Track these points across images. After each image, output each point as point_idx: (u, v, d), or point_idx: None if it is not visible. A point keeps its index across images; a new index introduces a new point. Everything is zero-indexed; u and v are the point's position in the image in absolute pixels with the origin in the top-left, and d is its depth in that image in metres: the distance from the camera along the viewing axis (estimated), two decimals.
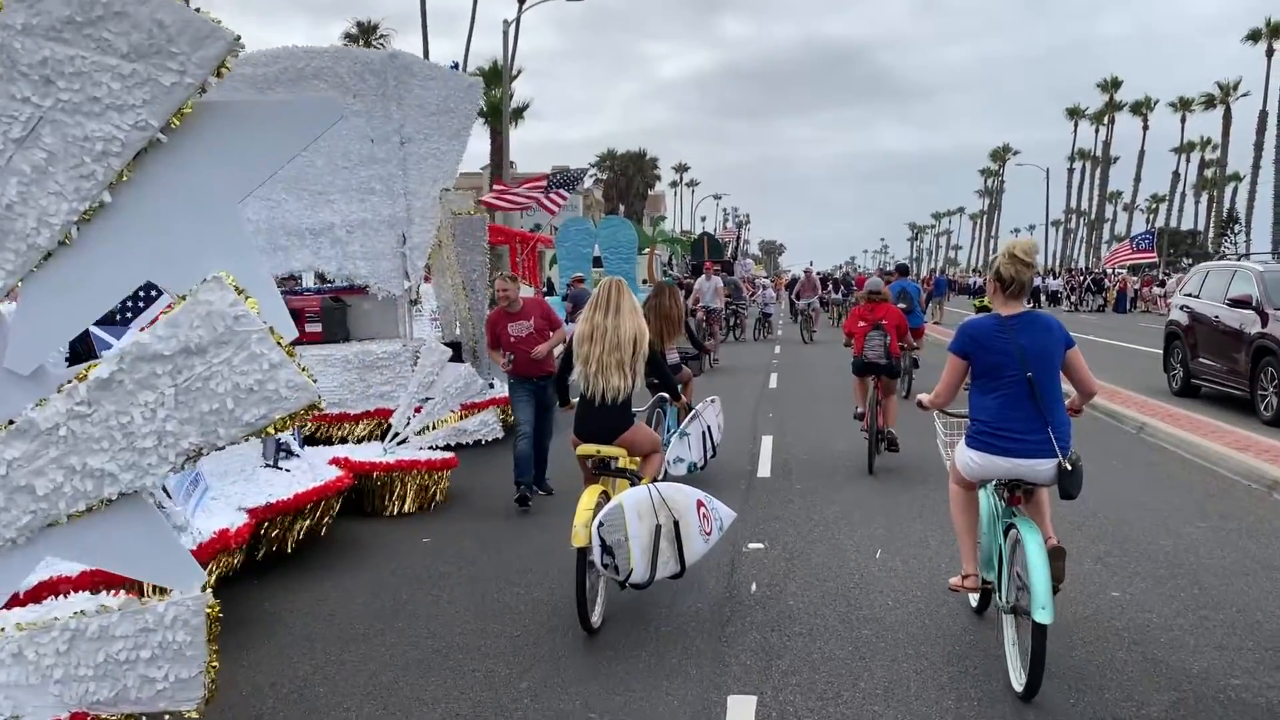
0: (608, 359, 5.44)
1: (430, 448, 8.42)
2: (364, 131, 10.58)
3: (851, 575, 6.04)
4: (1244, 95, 63.77)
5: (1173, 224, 74.88)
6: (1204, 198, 76.78)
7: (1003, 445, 4.40)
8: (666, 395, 7.20)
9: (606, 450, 5.53)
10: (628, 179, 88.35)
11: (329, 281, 11.79)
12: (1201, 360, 13.10)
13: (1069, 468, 4.27)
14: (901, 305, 11.84)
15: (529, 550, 6.69)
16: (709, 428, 8.40)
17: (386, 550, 6.83)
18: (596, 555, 4.86)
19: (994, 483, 4.66)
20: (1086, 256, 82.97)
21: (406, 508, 7.77)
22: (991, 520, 4.77)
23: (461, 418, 8.77)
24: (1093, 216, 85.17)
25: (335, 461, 7.60)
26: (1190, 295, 13.96)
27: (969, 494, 4.93)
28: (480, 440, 8.45)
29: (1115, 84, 79.35)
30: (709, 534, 5.37)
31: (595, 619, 5.10)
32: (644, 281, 28.35)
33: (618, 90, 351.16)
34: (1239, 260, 13.51)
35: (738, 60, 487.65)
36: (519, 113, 41.71)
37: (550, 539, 6.89)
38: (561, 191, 15.31)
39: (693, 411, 8.04)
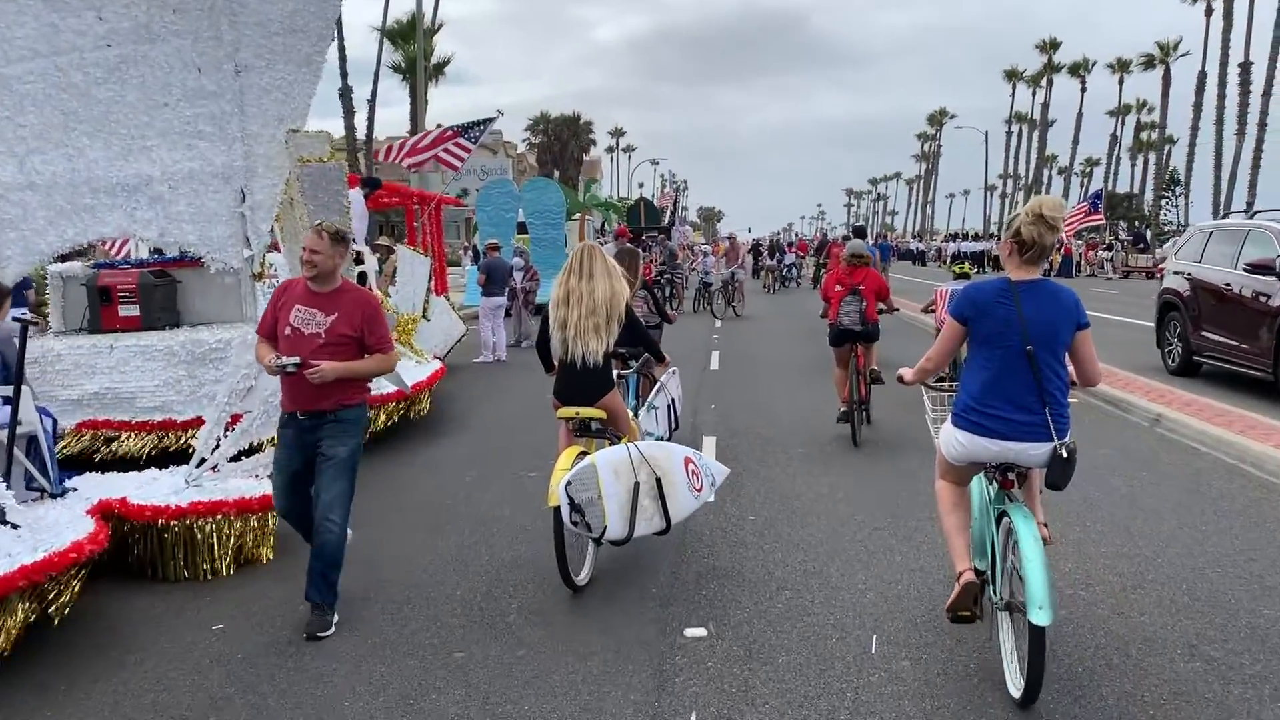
0: (585, 323, 5.35)
1: (255, 476, 6.21)
2: (188, 58, 8.16)
3: (840, 691, 3.99)
4: (1184, 55, 62.78)
5: (1110, 187, 74.15)
6: (1140, 160, 76.27)
7: (992, 426, 3.90)
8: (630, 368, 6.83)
9: (587, 412, 5.43)
10: (562, 143, 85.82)
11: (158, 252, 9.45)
12: (1206, 335, 11.33)
13: (1064, 455, 3.79)
14: None
15: (360, 652, 4.52)
16: (674, 399, 7.62)
17: (151, 648, 4.59)
18: (565, 514, 4.84)
19: (985, 466, 4.14)
20: None
21: (208, 570, 5.55)
22: (984, 506, 4.26)
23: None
24: (1030, 180, 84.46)
25: (102, 507, 5.36)
26: (1189, 260, 12.18)
27: (959, 490, 4.27)
28: None
29: (1054, 45, 78.11)
30: (699, 490, 5.43)
31: (582, 578, 5.14)
32: None
33: (553, 55, 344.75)
34: (1252, 219, 11.72)
35: (675, 25, 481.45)
36: (439, 69, 38.78)
37: (392, 635, 4.73)
38: (461, 142, 12.65)
39: (658, 384, 7.37)
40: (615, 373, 5.68)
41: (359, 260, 12.47)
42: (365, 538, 5.71)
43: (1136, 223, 59.19)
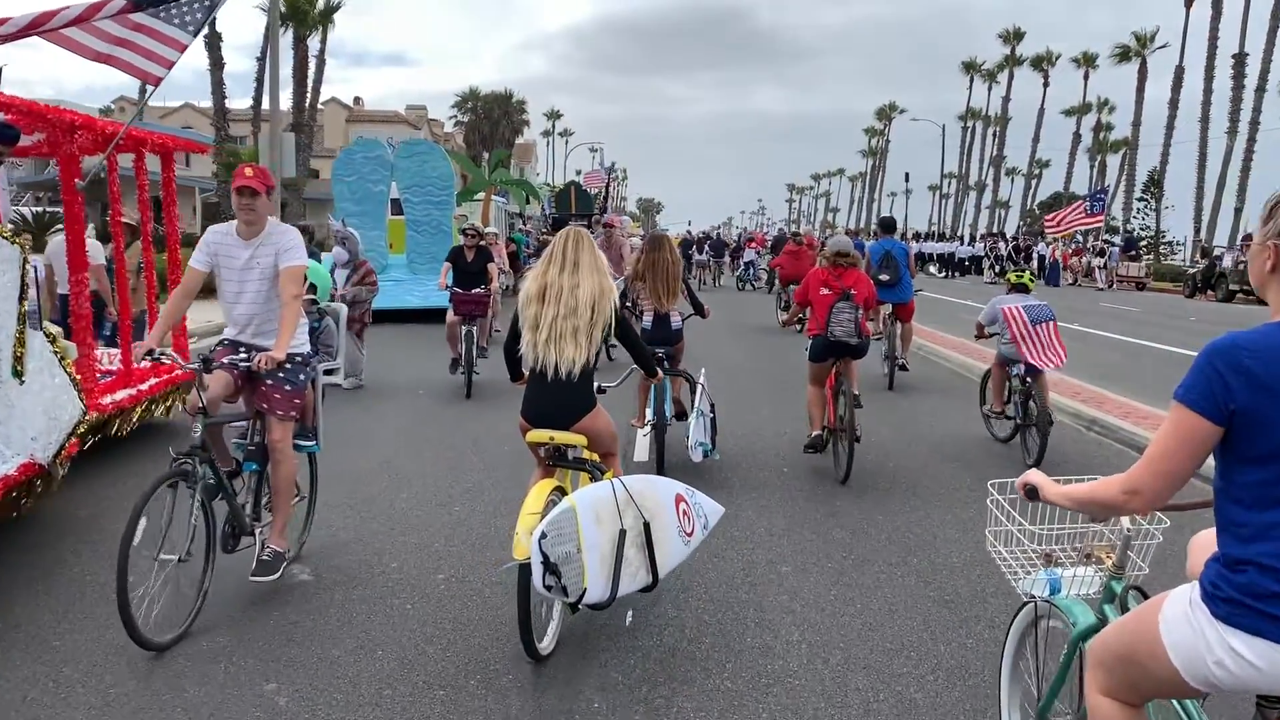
0: (562, 325, 4.41)
1: None
2: None
3: None
4: (1161, 47, 58.32)
5: (1073, 189, 69.88)
6: (1096, 162, 72.04)
7: None
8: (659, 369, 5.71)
9: (561, 437, 4.39)
10: (492, 122, 78.93)
11: None
12: None
13: None
14: (884, 276, 9.07)
15: None
16: (712, 404, 6.75)
17: None
18: (537, 576, 3.74)
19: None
20: (979, 222, 78.07)
21: None
22: None
23: None
24: (989, 178, 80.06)
25: None
26: None
27: (1136, 713, 2.23)
28: None
29: (1017, 35, 73.62)
30: (690, 535, 4.46)
31: (545, 645, 4.09)
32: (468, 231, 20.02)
33: (496, 39, 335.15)
34: None
35: (617, 14, 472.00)
36: (326, 15, 32.24)
37: None
38: (160, 30, 5.91)
39: (699, 385, 6.56)
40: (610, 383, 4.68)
41: None
42: None
43: (1130, 227, 54.72)
